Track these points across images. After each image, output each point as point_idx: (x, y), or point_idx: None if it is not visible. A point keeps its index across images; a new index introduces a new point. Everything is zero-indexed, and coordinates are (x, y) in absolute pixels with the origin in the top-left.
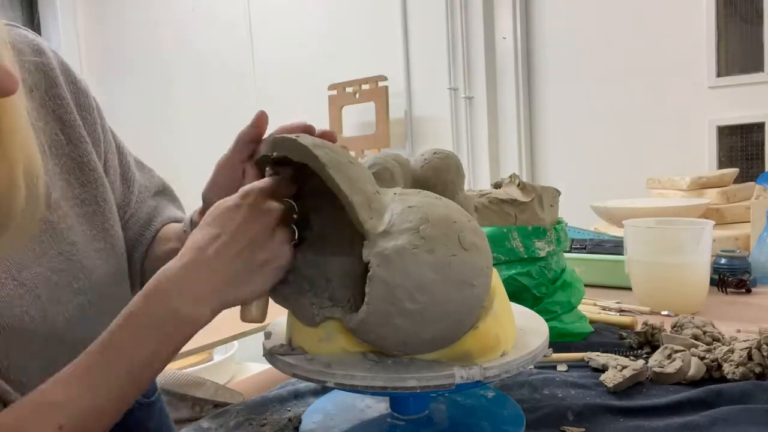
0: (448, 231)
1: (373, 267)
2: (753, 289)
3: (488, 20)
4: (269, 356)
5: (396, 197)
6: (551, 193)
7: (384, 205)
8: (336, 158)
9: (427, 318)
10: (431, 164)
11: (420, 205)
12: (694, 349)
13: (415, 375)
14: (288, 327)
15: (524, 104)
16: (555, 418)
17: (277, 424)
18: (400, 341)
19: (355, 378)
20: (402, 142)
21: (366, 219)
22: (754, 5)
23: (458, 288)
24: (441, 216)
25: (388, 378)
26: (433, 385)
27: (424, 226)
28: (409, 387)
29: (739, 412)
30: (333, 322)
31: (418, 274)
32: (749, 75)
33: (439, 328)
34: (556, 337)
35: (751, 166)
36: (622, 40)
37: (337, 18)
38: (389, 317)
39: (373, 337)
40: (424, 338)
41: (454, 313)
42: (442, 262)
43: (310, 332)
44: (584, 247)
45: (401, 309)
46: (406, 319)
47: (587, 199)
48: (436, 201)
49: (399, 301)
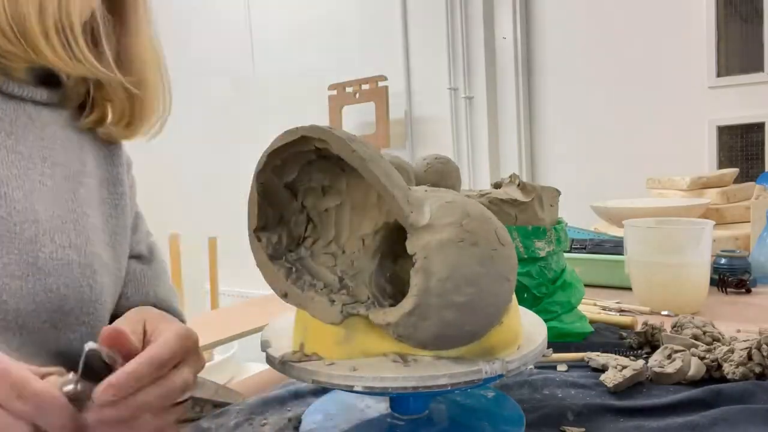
0: (487, 226)
1: (420, 259)
2: (753, 289)
3: (488, 20)
4: (281, 365)
5: (428, 193)
6: (551, 193)
7: (419, 200)
8: (371, 152)
9: (471, 310)
10: (435, 168)
11: (457, 201)
12: (694, 349)
13: (446, 373)
14: (298, 332)
15: (524, 104)
16: (555, 418)
17: (277, 424)
18: (441, 335)
19: (386, 380)
20: (402, 142)
21: (408, 213)
22: (754, 5)
23: (499, 281)
24: (479, 212)
25: (420, 378)
26: (463, 381)
27: (466, 221)
28: (441, 385)
29: (739, 412)
30: (353, 321)
31: (466, 266)
32: (749, 75)
33: (479, 321)
34: (556, 337)
35: (751, 166)
36: (622, 40)
37: (337, 18)
38: (436, 310)
39: (414, 332)
40: (466, 331)
41: (493, 306)
42: (486, 256)
43: (326, 336)
44: (584, 247)
45: (448, 301)
46: (452, 311)
47: (587, 199)
48: (467, 199)
49: (447, 293)
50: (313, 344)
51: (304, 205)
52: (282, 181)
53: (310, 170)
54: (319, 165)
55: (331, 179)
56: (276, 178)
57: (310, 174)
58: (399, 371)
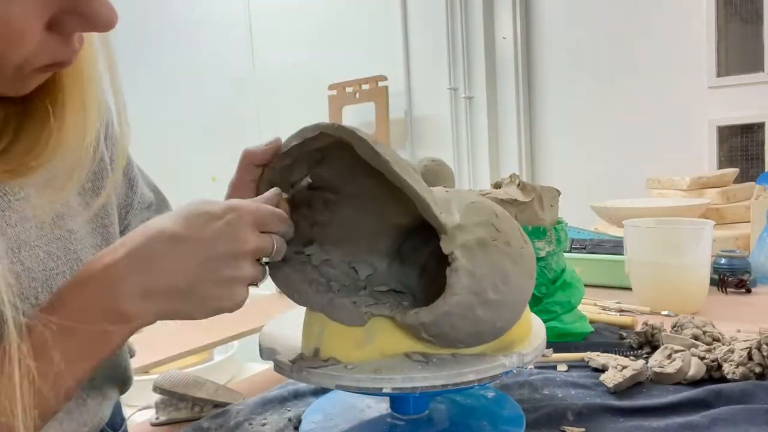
0: (513, 225)
1: (458, 258)
2: (753, 289)
3: (488, 20)
4: (297, 372)
5: (449, 194)
6: (551, 193)
7: (445, 200)
8: (394, 155)
9: (504, 307)
10: (431, 169)
11: (481, 202)
12: (694, 349)
13: (472, 369)
14: (313, 337)
15: (524, 104)
16: (555, 418)
17: (277, 424)
18: (476, 332)
19: (416, 380)
20: (402, 142)
21: (438, 213)
22: (754, 5)
23: (527, 278)
24: (502, 212)
25: (448, 375)
26: (489, 376)
27: (495, 221)
28: (469, 381)
29: (739, 412)
30: (373, 323)
31: (502, 264)
32: (749, 75)
33: (509, 317)
34: (556, 337)
35: (751, 166)
36: (622, 40)
37: (337, 18)
38: (472, 308)
39: (449, 331)
40: (497, 328)
41: (521, 303)
42: (517, 254)
43: (345, 339)
44: (584, 247)
45: (484, 299)
46: (487, 309)
47: (587, 199)
48: (486, 199)
49: (483, 291)
50: (330, 348)
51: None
52: (290, 181)
53: (319, 171)
54: (328, 165)
55: (341, 180)
56: (284, 177)
57: (319, 174)
58: (425, 371)
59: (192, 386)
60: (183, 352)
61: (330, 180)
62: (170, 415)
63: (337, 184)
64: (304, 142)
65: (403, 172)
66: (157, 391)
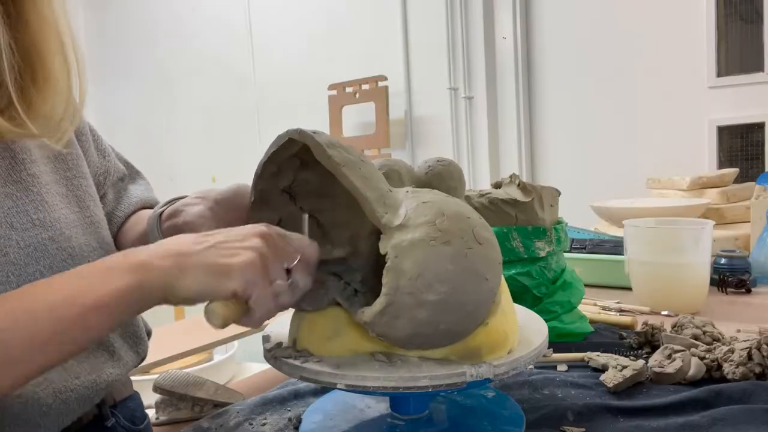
0: (463, 225)
1: (391, 258)
2: (753, 289)
3: (488, 20)
4: (273, 360)
5: (408, 194)
6: (551, 193)
7: (397, 201)
8: (349, 157)
9: (444, 309)
10: (435, 171)
11: (434, 201)
12: (694, 349)
13: (427, 374)
14: (292, 328)
15: (524, 104)
16: (555, 418)
17: (277, 424)
18: (416, 333)
19: (367, 379)
20: (402, 143)
21: (382, 214)
22: (754, 5)
23: (474, 280)
24: (455, 211)
25: (401, 378)
26: (445, 384)
27: (440, 220)
28: (422, 387)
29: (739, 412)
30: (342, 317)
31: (437, 264)
32: (749, 75)
33: (455, 319)
34: (556, 337)
35: (751, 166)
36: (622, 40)
37: (337, 18)
38: (407, 309)
39: (388, 331)
40: (440, 330)
41: (469, 304)
42: (459, 254)
43: (317, 332)
44: (584, 247)
45: (420, 300)
46: (424, 310)
47: (587, 199)
48: (448, 198)
49: (418, 292)
50: (304, 340)
51: (302, 208)
52: (279, 186)
53: (305, 174)
54: (313, 168)
55: (325, 182)
56: (273, 183)
57: (305, 177)
58: (381, 371)
59: (192, 386)
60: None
61: (315, 182)
62: (170, 415)
63: (324, 186)
64: (280, 149)
65: (351, 174)
66: (157, 391)
